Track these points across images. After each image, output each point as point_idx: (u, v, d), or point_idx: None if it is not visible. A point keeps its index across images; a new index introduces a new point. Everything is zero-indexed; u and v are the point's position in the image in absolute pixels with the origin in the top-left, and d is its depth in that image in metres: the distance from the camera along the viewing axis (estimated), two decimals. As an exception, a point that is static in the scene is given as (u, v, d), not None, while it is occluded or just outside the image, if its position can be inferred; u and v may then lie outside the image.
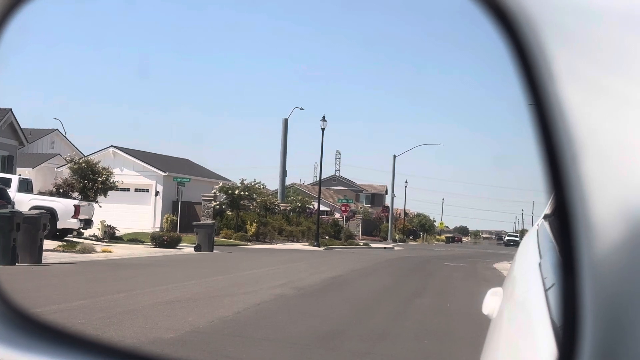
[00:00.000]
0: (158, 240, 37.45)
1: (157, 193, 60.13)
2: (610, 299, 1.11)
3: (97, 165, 42.55)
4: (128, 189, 57.27)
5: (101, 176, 41.93)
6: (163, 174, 59.84)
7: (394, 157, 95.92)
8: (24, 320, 2.01)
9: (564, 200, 1.16)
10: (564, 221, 1.17)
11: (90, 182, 41.50)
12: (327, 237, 65.02)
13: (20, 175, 41.29)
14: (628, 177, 1.14)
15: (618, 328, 1.10)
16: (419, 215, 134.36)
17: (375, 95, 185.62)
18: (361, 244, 69.73)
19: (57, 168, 57.27)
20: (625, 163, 1.15)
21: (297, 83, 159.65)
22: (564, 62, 1.20)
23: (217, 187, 56.99)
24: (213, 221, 45.37)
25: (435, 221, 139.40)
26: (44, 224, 23.64)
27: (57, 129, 76.13)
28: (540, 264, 2.07)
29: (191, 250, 36.80)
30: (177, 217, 52.56)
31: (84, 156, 49.62)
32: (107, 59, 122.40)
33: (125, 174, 56.35)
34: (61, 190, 41.27)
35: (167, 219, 54.55)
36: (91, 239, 36.71)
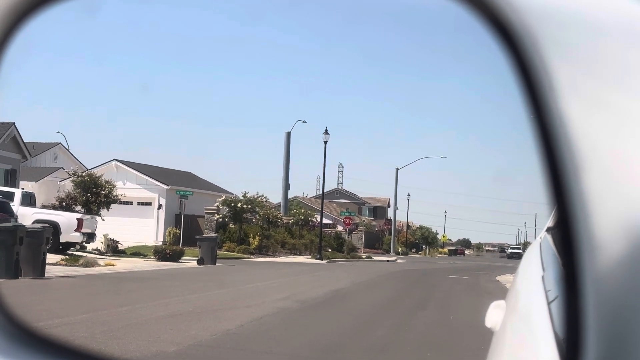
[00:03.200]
0: (161, 253, 37.42)
1: (159, 206, 60.13)
2: (612, 312, 1.11)
3: (100, 179, 42.56)
4: (131, 203, 57.26)
5: (104, 190, 41.94)
6: (166, 187, 59.86)
7: (397, 169, 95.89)
8: (26, 334, 2.00)
9: (566, 215, 1.17)
10: (567, 235, 1.17)
11: (93, 195, 41.51)
12: (329, 250, 64.94)
13: (23, 188, 41.30)
14: (630, 192, 1.14)
15: (620, 341, 1.11)
16: (421, 227, 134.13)
17: (377, 108, 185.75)
18: (364, 256, 69.64)
19: (60, 182, 57.29)
20: (627, 177, 1.15)
21: (299, 96, 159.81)
22: (566, 76, 1.21)
23: (219, 200, 56.96)
24: (216, 234, 45.33)
25: (437, 234, 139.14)
26: (47, 237, 23.64)
27: (60, 143, 76.17)
28: (543, 277, 2.07)
29: (194, 263, 36.76)
30: (180, 230, 52.54)
31: (87, 170, 49.64)
32: (109, 72, 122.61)
33: (128, 187, 56.36)
34: (64, 204, 41.29)
35: (169, 232, 54.52)
36: (94, 253, 36.70)
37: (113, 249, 39.76)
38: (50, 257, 25.46)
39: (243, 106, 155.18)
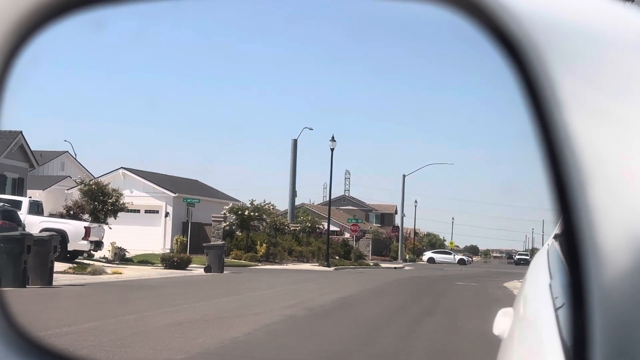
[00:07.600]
0: (168, 261, 37.44)
1: (167, 214, 60.18)
2: (619, 321, 1.12)
3: (107, 187, 42.64)
4: (138, 211, 57.32)
5: (111, 198, 42.02)
6: (173, 195, 59.91)
7: (404, 176, 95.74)
8: (31, 345, 2.01)
9: (571, 225, 1.17)
10: (573, 246, 1.18)
11: (100, 203, 41.59)
12: (337, 257, 64.85)
13: (30, 197, 41.40)
14: (635, 203, 1.14)
15: (627, 348, 1.11)
16: (429, 234, 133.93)
17: (384, 115, 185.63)
18: (371, 264, 69.51)
19: (67, 190, 57.39)
20: (632, 189, 1.16)
21: (306, 104, 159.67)
22: (570, 89, 1.22)
23: (226, 207, 56.96)
24: (223, 242, 45.31)
25: (445, 240, 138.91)
26: (55, 246, 23.69)
27: (67, 151, 76.28)
28: (550, 285, 2.07)
29: (201, 271, 36.76)
30: (187, 238, 52.56)
31: (94, 178, 49.73)
32: (117, 82, 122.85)
33: (135, 195, 56.42)
34: (71, 212, 41.35)
35: (177, 240, 54.56)
36: (101, 261, 36.74)
37: (120, 257, 39.81)
38: (58, 266, 25.49)
39: (250, 114, 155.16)
